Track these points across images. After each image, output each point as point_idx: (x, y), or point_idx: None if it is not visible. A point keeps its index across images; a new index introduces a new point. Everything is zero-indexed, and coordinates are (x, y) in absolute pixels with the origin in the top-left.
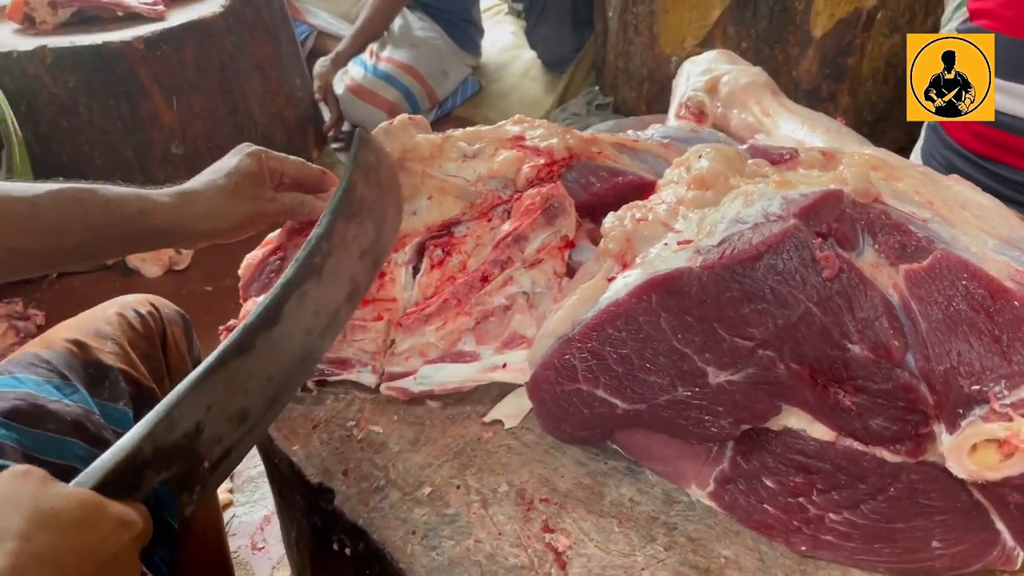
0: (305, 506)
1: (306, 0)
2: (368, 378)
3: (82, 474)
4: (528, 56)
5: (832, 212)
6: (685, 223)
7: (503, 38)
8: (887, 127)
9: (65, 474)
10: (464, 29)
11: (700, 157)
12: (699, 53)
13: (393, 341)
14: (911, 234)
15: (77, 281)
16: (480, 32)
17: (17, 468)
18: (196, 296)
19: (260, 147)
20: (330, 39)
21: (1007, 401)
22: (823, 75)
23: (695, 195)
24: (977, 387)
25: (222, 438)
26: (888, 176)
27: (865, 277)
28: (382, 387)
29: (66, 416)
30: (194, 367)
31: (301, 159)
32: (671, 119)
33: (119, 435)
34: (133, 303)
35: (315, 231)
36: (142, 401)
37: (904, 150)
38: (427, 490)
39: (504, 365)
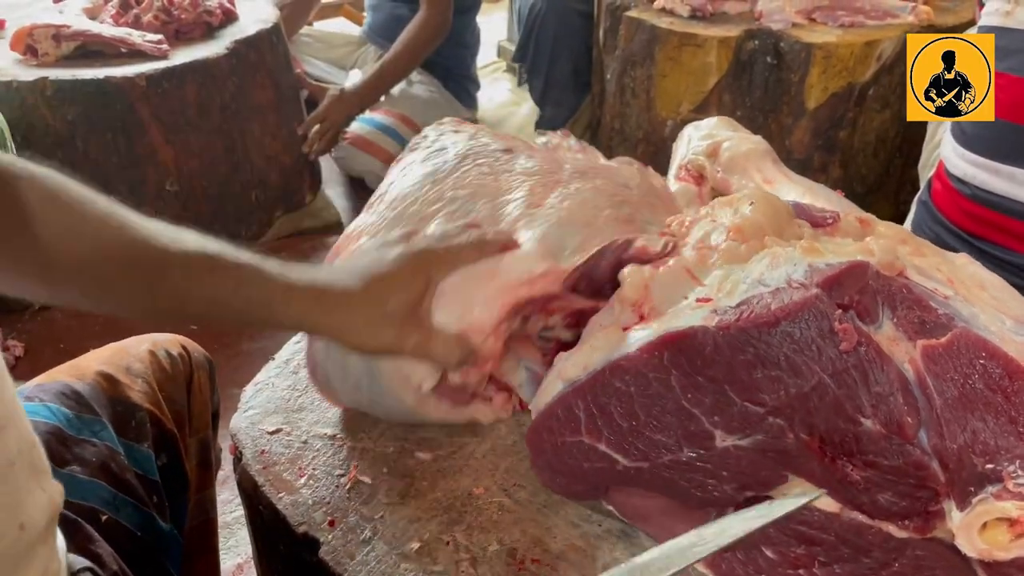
0: (287, 556)
1: (301, 49)
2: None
3: None
4: (524, 113)
5: (856, 284)
6: (710, 278)
7: (500, 94)
8: (876, 200)
9: (88, 516)
10: (461, 83)
11: (749, 203)
12: (695, 118)
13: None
14: (931, 310)
15: (59, 314)
16: (476, 86)
17: None
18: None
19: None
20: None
21: (1022, 480)
22: (815, 146)
23: (728, 247)
24: (991, 466)
25: None
26: (914, 251)
27: (882, 352)
28: None
29: (93, 456)
30: (214, 414)
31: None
32: (671, 180)
33: (141, 478)
34: (165, 343)
35: None
36: (164, 444)
37: None
38: (415, 545)
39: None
